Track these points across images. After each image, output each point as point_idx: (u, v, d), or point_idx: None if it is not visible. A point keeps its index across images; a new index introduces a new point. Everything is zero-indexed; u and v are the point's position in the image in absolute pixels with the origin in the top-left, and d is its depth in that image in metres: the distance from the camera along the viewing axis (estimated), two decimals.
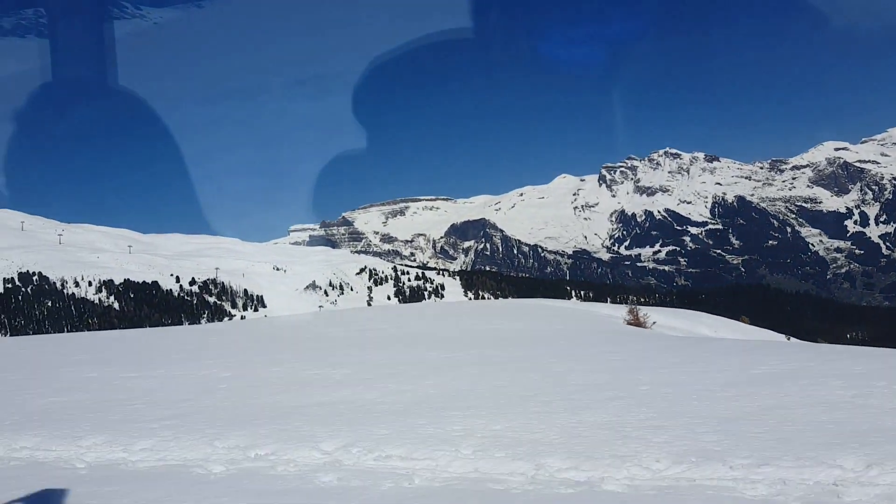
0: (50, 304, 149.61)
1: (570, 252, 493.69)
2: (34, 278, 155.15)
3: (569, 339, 21.92)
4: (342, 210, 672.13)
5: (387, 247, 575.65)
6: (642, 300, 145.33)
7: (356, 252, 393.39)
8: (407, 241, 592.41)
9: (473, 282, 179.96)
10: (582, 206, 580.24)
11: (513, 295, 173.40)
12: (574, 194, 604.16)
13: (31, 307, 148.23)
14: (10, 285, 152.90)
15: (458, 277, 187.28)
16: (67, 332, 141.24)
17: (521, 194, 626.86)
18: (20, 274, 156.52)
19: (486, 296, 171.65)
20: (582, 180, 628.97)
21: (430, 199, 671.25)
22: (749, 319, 45.10)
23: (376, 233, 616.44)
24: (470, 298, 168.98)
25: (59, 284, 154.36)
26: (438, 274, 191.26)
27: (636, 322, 32.21)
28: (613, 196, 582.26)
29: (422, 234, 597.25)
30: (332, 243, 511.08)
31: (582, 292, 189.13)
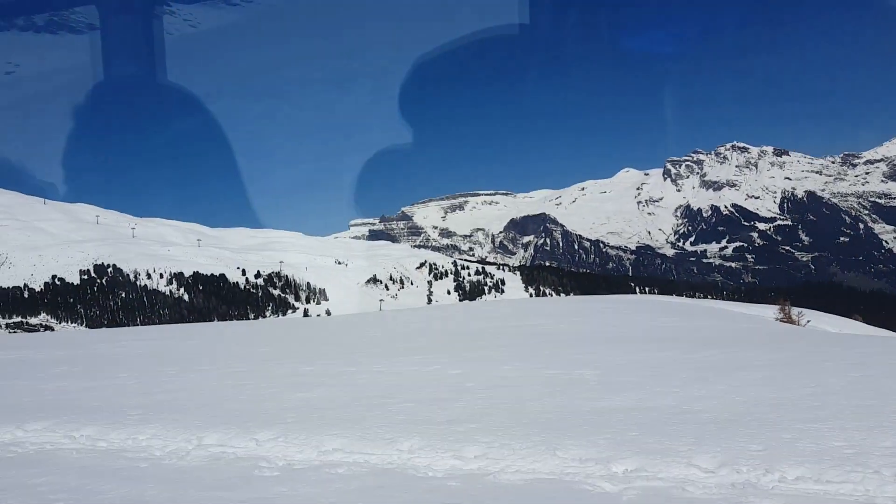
0: (124, 295, 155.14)
1: (633, 248, 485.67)
2: (109, 270, 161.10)
3: (740, 339, 18.54)
4: (401, 205, 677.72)
5: (445, 241, 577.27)
6: (710, 297, 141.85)
7: (415, 247, 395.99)
8: (465, 236, 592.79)
9: (534, 277, 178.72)
10: (646, 201, 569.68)
11: (575, 291, 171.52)
12: (637, 188, 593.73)
13: (106, 298, 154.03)
14: (86, 277, 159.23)
15: (518, 273, 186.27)
16: (140, 323, 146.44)
17: (583, 188, 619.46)
18: (95, 266, 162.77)
19: (547, 292, 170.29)
20: (646, 174, 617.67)
21: (490, 194, 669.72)
22: (863, 318, 42.47)
23: (435, 227, 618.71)
24: (531, 294, 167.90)
25: (132, 276, 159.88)
26: (498, 269, 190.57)
27: (788, 320, 28.98)
28: (678, 190, 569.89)
29: (481, 229, 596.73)
30: (391, 238, 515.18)
31: (647, 288, 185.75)
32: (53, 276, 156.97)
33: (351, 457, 7.73)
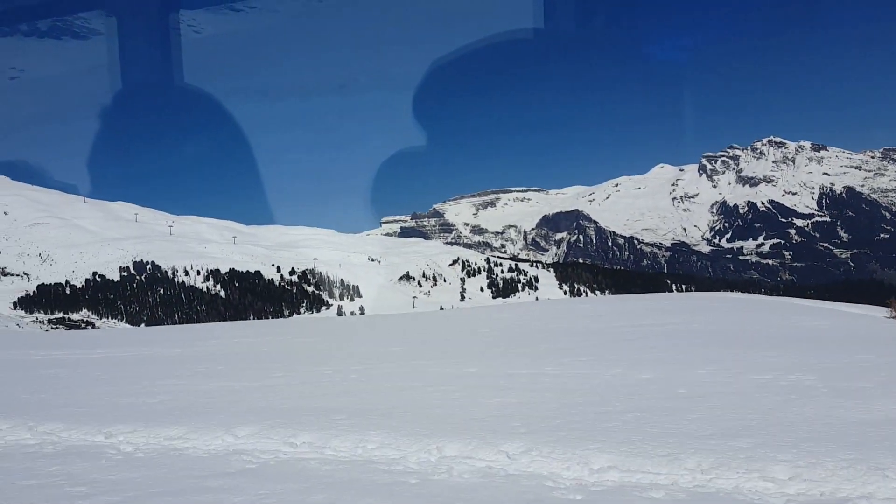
0: (162, 291, 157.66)
1: (668, 244, 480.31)
2: (147, 267, 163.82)
3: (866, 340, 17.14)
4: (433, 202, 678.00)
5: (477, 238, 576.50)
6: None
7: (447, 244, 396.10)
8: (497, 233, 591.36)
9: (569, 274, 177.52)
10: (681, 197, 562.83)
11: (610, 289, 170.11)
12: (672, 185, 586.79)
13: (145, 294, 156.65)
14: (125, 273, 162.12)
15: (552, 270, 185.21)
16: (179, 319, 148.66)
17: (617, 185, 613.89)
18: (135, 263, 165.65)
19: (582, 289, 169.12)
20: (681, 170, 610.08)
21: (522, 191, 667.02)
22: None
23: (466, 224, 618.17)
24: (565, 292, 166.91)
25: (170, 273, 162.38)
26: (532, 266, 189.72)
27: None
28: (714, 186, 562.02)
29: (512, 226, 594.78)
30: (422, 235, 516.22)
31: (683, 286, 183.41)
32: (94, 273, 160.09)
33: (634, 477, 6.73)
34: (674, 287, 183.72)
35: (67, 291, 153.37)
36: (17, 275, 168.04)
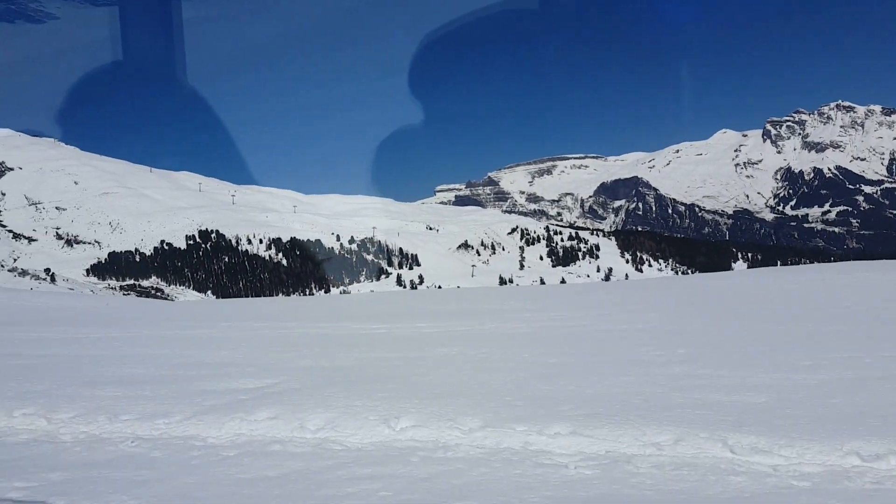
0: (226, 259, 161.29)
1: (731, 212, 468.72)
2: (212, 236, 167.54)
3: None
4: (487, 170, 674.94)
5: (532, 206, 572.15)
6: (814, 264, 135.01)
7: (503, 213, 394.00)
8: (554, 201, 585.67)
9: (630, 242, 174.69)
10: (744, 163, 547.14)
11: (674, 258, 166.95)
12: (735, 150, 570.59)
13: (210, 262, 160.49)
14: (191, 242, 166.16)
15: (613, 238, 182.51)
16: (244, 286, 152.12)
17: (678, 151, 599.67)
18: (200, 231, 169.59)
19: (644, 257, 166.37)
20: (744, 136, 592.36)
21: (579, 157, 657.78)
22: None
23: (522, 192, 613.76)
24: (627, 261, 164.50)
25: (234, 241, 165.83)
26: (592, 234, 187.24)
27: None
28: (779, 152, 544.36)
29: (569, 194, 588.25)
30: (477, 203, 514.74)
31: (749, 255, 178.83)
32: (162, 241, 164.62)
33: None
34: (739, 255, 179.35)
35: (137, 259, 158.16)
36: (89, 243, 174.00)
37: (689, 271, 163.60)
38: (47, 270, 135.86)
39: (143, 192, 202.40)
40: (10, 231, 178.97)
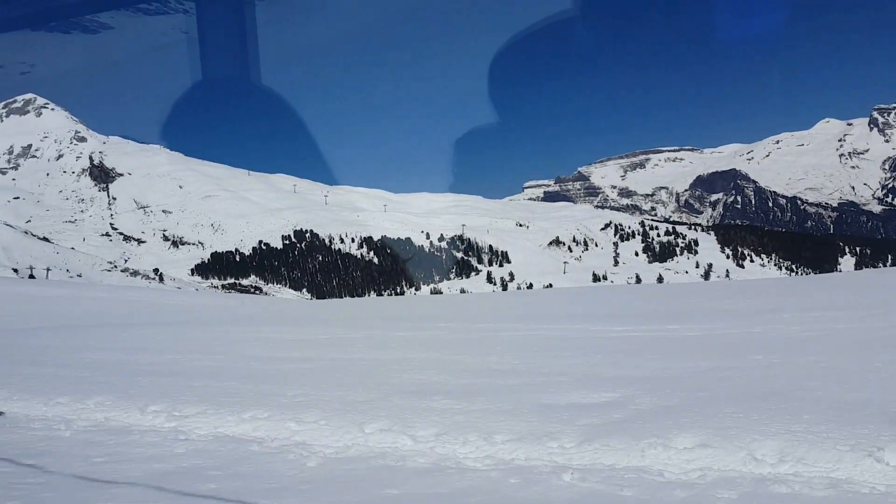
0: (320, 258, 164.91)
1: (835, 204, 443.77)
2: (307, 235, 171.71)
3: None
4: (577, 165, 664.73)
5: (625, 201, 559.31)
6: None
7: (595, 208, 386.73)
8: (647, 195, 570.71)
9: (731, 237, 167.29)
10: (849, 154, 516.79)
11: (777, 253, 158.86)
12: (839, 140, 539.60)
13: (305, 261, 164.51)
14: (287, 242, 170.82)
15: (712, 233, 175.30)
16: (337, 284, 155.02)
17: (777, 142, 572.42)
18: (295, 231, 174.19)
19: (745, 253, 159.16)
20: (849, 124, 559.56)
21: (673, 150, 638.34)
22: None
23: (613, 187, 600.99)
24: (727, 256, 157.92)
25: (327, 241, 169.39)
26: (689, 229, 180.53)
27: None
28: (887, 141, 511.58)
29: (663, 188, 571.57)
30: (566, 199, 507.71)
31: (857, 249, 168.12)
32: (260, 242, 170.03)
33: None
34: (846, 249, 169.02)
35: (237, 259, 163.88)
36: (193, 244, 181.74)
37: (794, 267, 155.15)
38: (156, 270, 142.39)
39: (242, 194, 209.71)
40: (121, 233, 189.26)
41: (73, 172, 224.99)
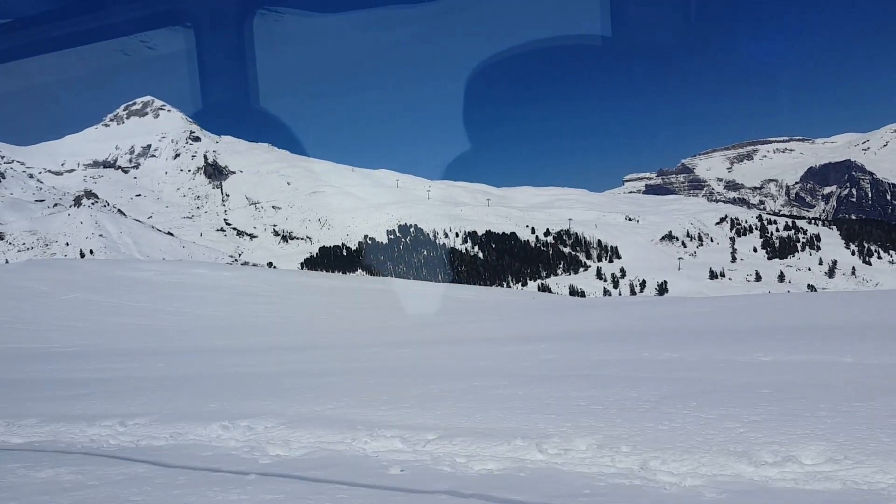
0: (426, 252, 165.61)
1: None
2: (411, 230, 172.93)
3: None
4: (680, 157, 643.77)
5: (732, 194, 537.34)
6: None
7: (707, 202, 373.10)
8: (755, 188, 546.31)
9: (856, 232, 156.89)
10: None
11: None
12: None
13: (411, 255, 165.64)
14: (392, 236, 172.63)
15: (835, 227, 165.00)
16: (442, 279, 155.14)
17: None
18: (399, 226, 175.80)
19: (871, 248, 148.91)
20: None
21: (783, 141, 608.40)
22: None
23: (719, 179, 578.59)
24: (852, 252, 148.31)
25: (431, 235, 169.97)
26: (810, 223, 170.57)
27: None
28: None
29: (773, 180, 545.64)
30: (669, 192, 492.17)
31: None
32: (365, 236, 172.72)
33: None
34: None
35: (344, 253, 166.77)
36: (302, 238, 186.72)
37: None
38: (270, 264, 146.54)
39: (347, 189, 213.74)
40: (234, 228, 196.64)
41: (189, 171, 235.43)
